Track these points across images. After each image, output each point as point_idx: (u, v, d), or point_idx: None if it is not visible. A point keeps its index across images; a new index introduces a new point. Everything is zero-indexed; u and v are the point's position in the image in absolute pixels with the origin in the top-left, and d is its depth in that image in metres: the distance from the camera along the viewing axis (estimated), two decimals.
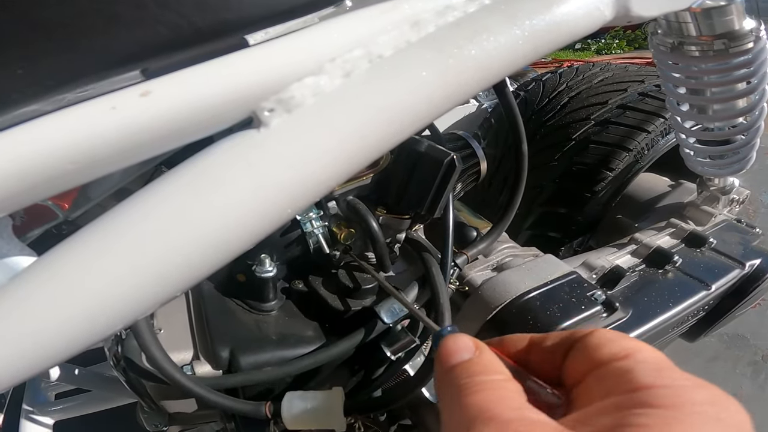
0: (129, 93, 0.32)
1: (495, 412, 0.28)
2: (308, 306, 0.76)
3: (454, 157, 0.68)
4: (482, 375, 0.32)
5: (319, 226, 0.74)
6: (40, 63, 0.31)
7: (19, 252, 0.41)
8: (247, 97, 0.34)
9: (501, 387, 0.31)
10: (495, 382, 0.32)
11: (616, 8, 0.51)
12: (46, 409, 1.27)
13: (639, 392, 0.27)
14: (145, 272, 0.31)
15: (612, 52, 7.13)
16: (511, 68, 0.43)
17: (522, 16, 0.43)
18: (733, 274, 1.11)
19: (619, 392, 0.28)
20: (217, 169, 0.33)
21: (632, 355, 0.30)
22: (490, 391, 0.31)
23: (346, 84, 0.36)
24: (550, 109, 1.60)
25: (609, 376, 0.30)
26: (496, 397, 0.30)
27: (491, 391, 0.31)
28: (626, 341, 0.31)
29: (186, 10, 0.33)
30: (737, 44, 0.95)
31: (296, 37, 0.37)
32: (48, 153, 0.30)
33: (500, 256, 0.99)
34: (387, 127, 0.36)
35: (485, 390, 0.31)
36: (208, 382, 0.64)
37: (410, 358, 0.76)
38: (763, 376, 1.78)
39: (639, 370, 0.28)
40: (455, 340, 0.36)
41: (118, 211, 0.32)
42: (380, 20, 0.40)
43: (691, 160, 1.25)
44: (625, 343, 0.31)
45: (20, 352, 0.29)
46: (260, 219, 0.33)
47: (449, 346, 0.36)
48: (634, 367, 0.29)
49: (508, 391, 0.31)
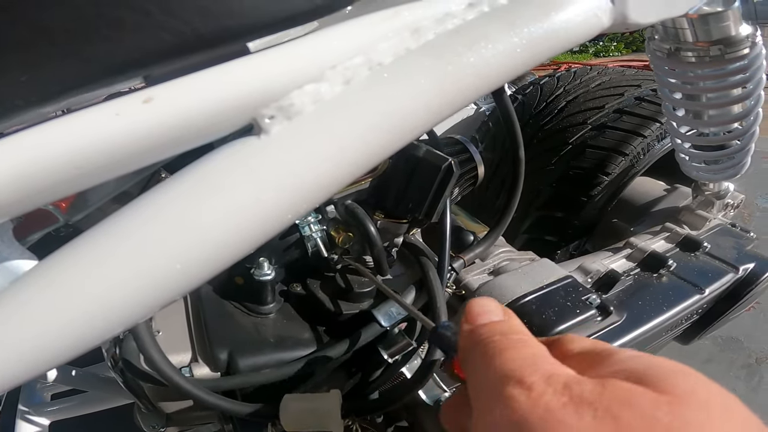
0: (132, 99, 0.32)
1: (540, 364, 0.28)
2: (306, 309, 0.76)
3: (452, 162, 0.68)
4: (516, 334, 0.32)
5: (318, 230, 0.74)
6: (44, 69, 0.31)
7: (19, 256, 0.41)
8: (247, 104, 0.35)
9: (536, 345, 0.31)
10: (529, 341, 0.32)
11: (614, 15, 0.51)
12: (42, 409, 1.27)
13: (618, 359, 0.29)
14: (144, 277, 0.31)
15: (610, 54, 7.15)
16: (509, 75, 0.43)
17: (520, 23, 0.43)
18: (726, 278, 1.11)
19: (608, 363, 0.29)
20: (218, 175, 0.33)
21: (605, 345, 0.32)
22: (528, 348, 0.30)
23: (346, 91, 0.37)
24: (548, 113, 1.60)
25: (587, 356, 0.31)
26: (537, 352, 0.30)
27: (531, 347, 0.31)
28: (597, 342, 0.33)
29: (189, 17, 0.33)
30: (733, 50, 0.96)
31: (297, 44, 0.38)
32: (51, 158, 0.30)
33: (497, 260, 0.99)
34: (387, 133, 0.37)
35: (525, 346, 0.31)
36: (207, 384, 0.64)
37: (407, 361, 0.77)
38: (756, 378, 1.79)
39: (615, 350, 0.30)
40: (483, 302, 0.36)
41: (119, 216, 0.32)
42: (381, 27, 0.40)
43: (686, 165, 1.26)
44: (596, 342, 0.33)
45: (20, 356, 0.30)
46: (260, 225, 0.34)
47: (477, 308, 0.35)
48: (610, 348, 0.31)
49: (541, 350, 0.31)
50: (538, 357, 0.30)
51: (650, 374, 0.26)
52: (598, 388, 0.25)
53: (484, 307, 0.35)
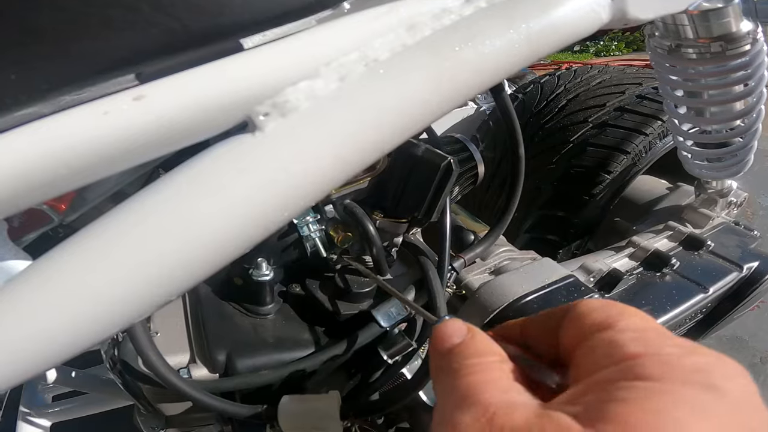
0: (122, 97, 0.31)
1: (480, 396, 0.27)
2: (305, 309, 0.76)
3: (451, 161, 0.68)
4: (473, 357, 0.31)
5: (316, 230, 0.74)
6: (33, 67, 0.31)
7: (13, 256, 0.41)
8: (241, 101, 0.34)
9: (491, 369, 0.30)
10: (486, 364, 0.30)
11: (613, 10, 0.51)
12: (43, 411, 1.27)
13: (624, 363, 0.25)
14: (140, 276, 0.31)
15: (611, 54, 7.13)
16: (507, 71, 0.43)
17: (518, 18, 0.42)
18: (730, 277, 1.11)
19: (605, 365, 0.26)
20: (212, 173, 0.32)
21: (615, 324, 0.28)
22: (479, 374, 0.29)
23: (341, 88, 0.36)
24: (548, 111, 1.60)
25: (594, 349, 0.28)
26: (485, 380, 0.29)
27: (480, 374, 0.29)
28: (610, 308, 0.30)
29: (180, 14, 0.33)
30: (734, 46, 0.95)
31: (292, 40, 0.37)
32: (41, 157, 0.29)
33: (498, 260, 0.98)
34: (383, 130, 0.36)
35: (475, 373, 0.30)
36: (205, 385, 0.64)
37: (407, 362, 0.76)
38: (762, 377, 1.78)
39: (623, 340, 0.27)
40: (447, 325, 0.35)
41: (112, 215, 0.32)
42: (376, 23, 0.40)
43: (688, 162, 1.25)
44: (609, 311, 0.29)
45: (16, 356, 0.29)
46: (256, 223, 0.33)
47: (441, 331, 0.35)
48: (617, 336, 0.27)
49: (498, 373, 0.30)
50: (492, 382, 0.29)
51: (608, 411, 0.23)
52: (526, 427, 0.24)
53: (450, 328, 0.35)
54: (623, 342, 0.26)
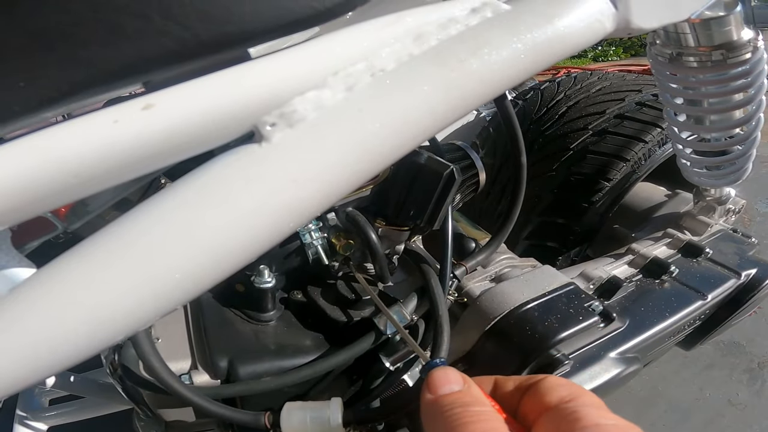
0: (131, 106, 0.31)
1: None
2: (307, 316, 0.76)
3: (453, 170, 0.68)
4: (475, 406, 0.34)
5: (318, 238, 0.74)
6: (42, 75, 0.31)
7: (17, 263, 0.41)
8: (248, 111, 0.34)
9: (493, 419, 0.33)
10: (488, 414, 0.33)
11: (617, 21, 0.51)
12: (40, 414, 1.26)
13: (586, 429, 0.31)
14: (144, 286, 0.31)
15: (609, 59, 7.16)
16: (512, 81, 0.43)
17: (524, 29, 0.43)
18: (729, 284, 1.11)
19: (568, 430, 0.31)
20: (218, 184, 0.32)
21: (577, 399, 0.33)
22: (483, 423, 0.32)
23: (348, 98, 0.36)
24: (549, 118, 1.60)
25: (559, 417, 0.33)
26: (489, 429, 0.32)
27: (484, 423, 0.32)
28: (572, 387, 0.35)
29: (190, 22, 0.33)
30: (735, 55, 0.96)
31: (299, 50, 0.37)
32: (50, 166, 0.29)
33: (498, 267, 0.98)
34: (389, 141, 0.36)
35: (479, 422, 0.32)
36: (207, 391, 0.63)
37: (409, 369, 0.76)
38: (759, 383, 1.78)
39: (584, 412, 0.32)
40: (445, 372, 0.38)
41: (118, 225, 0.32)
42: (383, 33, 0.40)
43: (687, 170, 1.26)
44: (572, 389, 0.35)
45: (19, 363, 0.29)
46: (261, 234, 0.33)
47: (439, 377, 0.37)
48: (580, 409, 0.32)
49: (498, 423, 0.33)
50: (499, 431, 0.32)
51: None
52: None
53: (448, 376, 0.37)
54: (584, 413, 0.32)
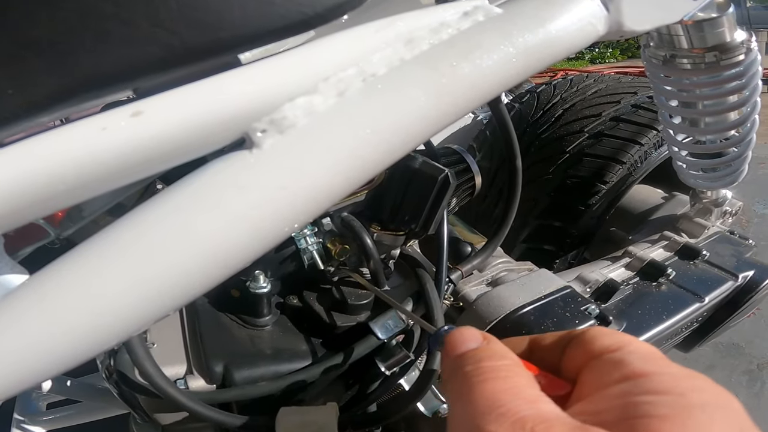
0: (120, 113, 0.31)
1: (509, 406, 0.26)
2: (302, 321, 0.75)
3: (448, 174, 0.68)
4: (492, 360, 0.30)
5: (314, 243, 0.74)
6: (30, 83, 0.31)
7: (10, 270, 0.41)
8: (239, 118, 0.34)
9: (513, 374, 0.29)
10: (506, 368, 0.30)
11: (609, 23, 0.51)
12: (38, 418, 1.26)
13: (637, 380, 0.27)
14: (137, 292, 0.31)
15: (606, 61, 7.17)
16: (505, 85, 0.43)
17: (516, 33, 0.43)
18: (726, 286, 1.11)
19: (616, 381, 0.27)
20: (209, 191, 0.32)
21: (623, 347, 0.30)
22: (501, 380, 0.29)
23: (339, 104, 0.36)
24: (545, 121, 1.60)
25: (603, 367, 0.29)
26: (509, 387, 0.28)
27: (503, 380, 0.29)
28: (618, 335, 0.31)
29: (179, 29, 0.33)
30: (729, 56, 0.95)
31: (289, 55, 0.37)
32: (38, 174, 0.29)
33: (495, 271, 0.98)
34: (382, 146, 0.36)
35: (496, 378, 0.29)
36: (202, 396, 0.63)
37: (405, 373, 0.76)
38: (758, 384, 1.78)
39: (631, 360, 0.28)
40: (462, 332, 0.34)
41: (111, 231, 0.32)
42: (374, 38, 0.40)
43: (683, 173, 1.25)
44: (617, 337, 0.31)
45: (13, 369, 0.29)
46: (253, 240, 0.33)
47: (456, 337, 0.34)
48: (626, 357, 0.29)
49: (521, 379, 0.29)
50: (518, 389, 0.28)
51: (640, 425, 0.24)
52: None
53: (465, 335, 0.34)
54: (631, 362, 0.28)
